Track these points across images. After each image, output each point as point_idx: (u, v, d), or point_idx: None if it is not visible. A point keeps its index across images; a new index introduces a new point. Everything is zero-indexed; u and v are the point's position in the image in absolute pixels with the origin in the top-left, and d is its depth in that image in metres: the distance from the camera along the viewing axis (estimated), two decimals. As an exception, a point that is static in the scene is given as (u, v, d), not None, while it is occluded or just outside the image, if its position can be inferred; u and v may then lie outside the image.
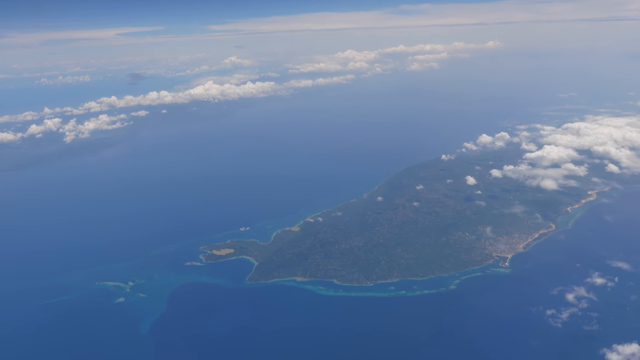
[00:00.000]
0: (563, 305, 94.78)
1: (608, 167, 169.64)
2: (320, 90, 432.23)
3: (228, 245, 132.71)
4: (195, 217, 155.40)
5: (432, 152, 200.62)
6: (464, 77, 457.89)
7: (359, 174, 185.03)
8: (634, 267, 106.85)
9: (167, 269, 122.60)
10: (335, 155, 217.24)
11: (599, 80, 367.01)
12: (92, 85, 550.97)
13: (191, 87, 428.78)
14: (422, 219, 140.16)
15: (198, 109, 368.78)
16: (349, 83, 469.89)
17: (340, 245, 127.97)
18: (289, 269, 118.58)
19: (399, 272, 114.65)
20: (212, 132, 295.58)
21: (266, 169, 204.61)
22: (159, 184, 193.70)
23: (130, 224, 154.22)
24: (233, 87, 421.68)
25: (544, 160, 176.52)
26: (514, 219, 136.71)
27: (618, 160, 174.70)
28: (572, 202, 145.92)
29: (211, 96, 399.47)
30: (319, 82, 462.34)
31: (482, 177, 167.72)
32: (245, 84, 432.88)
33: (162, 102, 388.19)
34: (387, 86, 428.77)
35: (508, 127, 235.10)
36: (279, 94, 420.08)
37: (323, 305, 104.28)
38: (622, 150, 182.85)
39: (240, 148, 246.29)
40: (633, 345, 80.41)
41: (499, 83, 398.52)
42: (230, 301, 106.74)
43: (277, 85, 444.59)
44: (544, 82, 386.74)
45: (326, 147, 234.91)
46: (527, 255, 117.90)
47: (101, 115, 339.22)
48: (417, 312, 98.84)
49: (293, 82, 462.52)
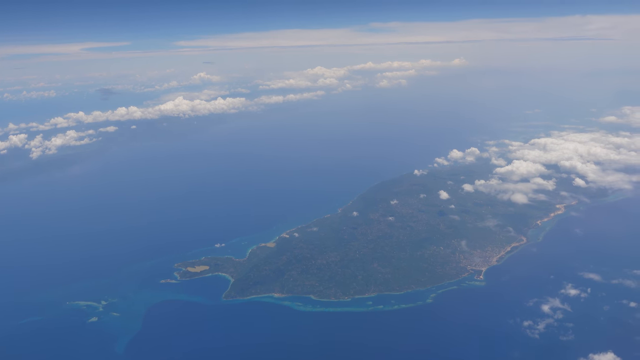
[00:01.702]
0: (539, 316, 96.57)
1: (575, 181, 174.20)
2: (291, 106, 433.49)
3: (203, 262, 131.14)
4: (168, 234, 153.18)
5: (405, 167, 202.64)
6: (433, 94, 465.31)
7: (333, 190, 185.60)
8: (605, 278, 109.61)
9: (141, 287, 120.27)
10: (308, 171, 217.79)
11: (562, 98, 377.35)
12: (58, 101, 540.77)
13: (161, 103, 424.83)
14: (397, 234, 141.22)
15: (168, 124, 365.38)
16: (320, 99, 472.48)
17: (317, 260, 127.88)
18: (265, 286, 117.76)
19: (376, 286, 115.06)
20: (183, 148, 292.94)
21: (240, 185, 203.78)
22: (130, 200, 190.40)
23: (102, 242, 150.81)
24: (203, 103, 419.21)
25: (514, 175, 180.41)
26: (487, 232, 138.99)
27: (584, 174, 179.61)
28: (542, 216, 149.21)
29: (181, 112, 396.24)
30: (289, 98, 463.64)
31: (455, 192, 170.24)
32: (216, 100, 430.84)
33: (131, 118, 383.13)
34: (357, 102, 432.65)
35: (477, 142, 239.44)
36: (250, 109, 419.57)
37: (301, 321, 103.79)
38: (588, 164, 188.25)
39: (212, 164, 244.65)
40: (609, 354, 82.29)
41: (467, 100, 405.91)
42: (207, 319, 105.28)
43: (247, 101, 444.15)
44: (510, 99, 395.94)
45: (299, 162, 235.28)
46: (501, 268, 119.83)
47: (68, 131, 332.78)
48: (395, 326, 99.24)
49: (264, 98, 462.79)
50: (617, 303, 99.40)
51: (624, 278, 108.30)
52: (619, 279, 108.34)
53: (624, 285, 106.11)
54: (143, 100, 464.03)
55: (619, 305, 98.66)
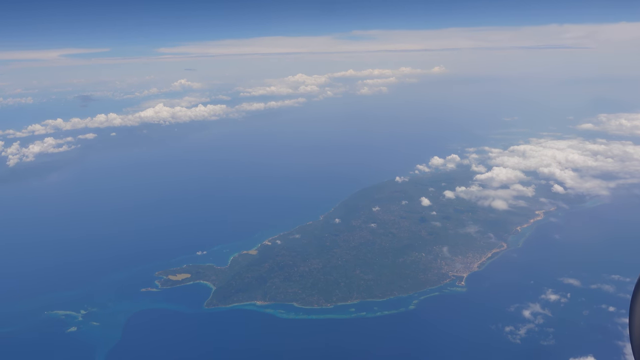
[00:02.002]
0: (520, 321, 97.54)
1: (554, 187, 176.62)
2: (273, 113, 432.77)
3: (184, 270, 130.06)
4: (149, 241, 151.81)
5: (386, 174, 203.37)
6: (413, 101, 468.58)
7: (314, 196, 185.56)
8: (584, 283, 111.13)
9: (121, 295, 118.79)
10: (290, 178, 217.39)
11: (540, 105, 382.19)
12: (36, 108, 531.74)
13: (141, 110, 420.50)
14: (380, 240, 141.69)
15: (149, 131, 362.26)
16: (301, 106, 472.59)
17: (299, 267, 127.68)
18: (248, 293, 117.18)
19: (359, 293, 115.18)
20: (164, 155, 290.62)
21: (221, 192, 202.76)
22: (110, 208, 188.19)
23: (81, 250, 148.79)
24: (184, 110, 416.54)
25: (494, 182, 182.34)
26: (468, 238, 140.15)
27: (563, 181, 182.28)
28: (522, 222, 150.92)
29: (162, 119, 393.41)
30: (271, 105, 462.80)
31: (436, 199, 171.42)
32: (197, 107, 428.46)
33: (111, 125, 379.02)
34: (338, 109, 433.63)
35: (458, 149, 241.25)
36: (231, 117, 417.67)
37: (284, 328, 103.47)
38: (566, 171, 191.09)
39: (193, 171, 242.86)
40: (589, 358, 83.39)
41: (446, 107, 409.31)
42: (189, 327, 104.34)
43: (229, 108, 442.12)
44: (489, 106, 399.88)
45: (280, 169, 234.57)
46: (482, 274, 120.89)
47: (47, 138, 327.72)
48: (378, 333, 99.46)
49: (245, 105, 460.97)
50: (596, 308, 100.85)
51: (602, 283, 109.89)
52: (598, 283, 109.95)
53: (602, 290, 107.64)
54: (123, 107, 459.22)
55: (598, 309, 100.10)
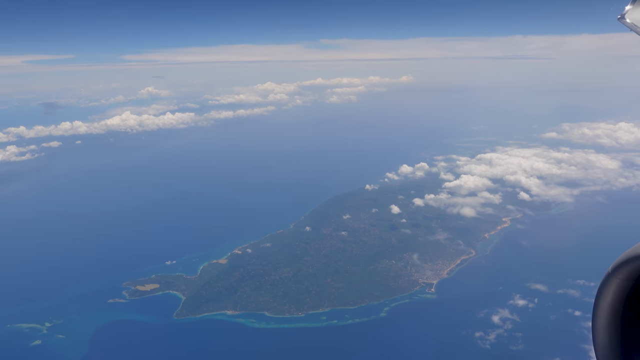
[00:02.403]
0: (490, 327, 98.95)
1: (520, 195, 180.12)
2: (242, 121, 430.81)
3: (153, 280, 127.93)
4: (116, 251, 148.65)
5: (356, 182, 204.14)
6: (382, 110, 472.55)
7: (285, 204, 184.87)
8: (550, 288, 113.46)
9: (87, 307, 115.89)
10: (259, 186, 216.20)
11: (506, 114, 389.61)
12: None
13: (107, 118, 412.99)
14: (350, 248, 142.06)
15: (115, 139, 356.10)
16: (270, 114, 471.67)
17: (270, 276, 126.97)
18: (218, 303, 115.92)
19: (330, 301, 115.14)
20: (131, 163, 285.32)
21: (190, 201, 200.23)
22: (75, 217, 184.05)
23: (45, 260, 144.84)
24: (152, 118, 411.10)
25: (462, 189, 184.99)
26: (437, 245, 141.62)
27: (528, 188, 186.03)
28: (490, 229, 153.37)
29: (129, 127, 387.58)
30: (240, 114, 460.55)
31: (406, 206, 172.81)
32: (165, 115, 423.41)
33: (76, 133, 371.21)
34: (308, 118, 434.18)
35: (426, 157, 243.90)
36: (199, 125, 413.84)
37: (255, 338, 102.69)
38: (531, 179, 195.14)
39: (161, 180, 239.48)
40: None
41: (415, 116, 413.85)
42: (158, 338, 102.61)
43: (197, 116, 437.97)
44: (456, 115, 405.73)
45: (250, 178, 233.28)
46: (452, 280, 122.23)
47: (9, 147, 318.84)
48: (349, 340, 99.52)
49: (213, 113, 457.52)
50: (562, 312, 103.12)
51: (568, 288, 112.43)
52: (564, 288, 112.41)
53: (568, 294, 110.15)
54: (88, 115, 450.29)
55: (564, 314, 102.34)
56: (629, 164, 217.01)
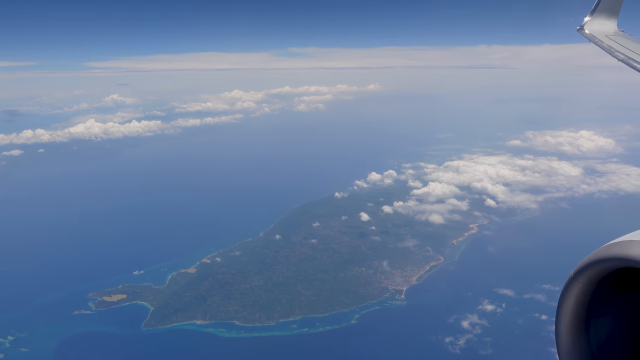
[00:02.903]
0: (459, 332, 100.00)
1: (486, 201, 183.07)
2: (209, 129, 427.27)
3: (120, 290, 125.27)
4: (81, 262, 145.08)
5: (325, 189, 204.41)
6: (350, 118, 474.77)
7: (254, 213, 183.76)
8: (517, 293, 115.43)
9: (52, 319, 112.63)
10: (228, 194, 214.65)
11: (472, 122, 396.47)
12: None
13: (71, 125, 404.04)
14: (320, 256, 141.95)
15: (79, 148, 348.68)
16: (238, 122, 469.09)
17: (240, 285, 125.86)
18: (187, 313, 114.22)
19: (300, 309, 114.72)
20: (96, 172, 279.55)
21: (157, 209, 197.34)
22: (38, 228, 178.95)
23: (7, 271, 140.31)
24: (117, 126, 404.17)
25: (430, 196, 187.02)
26: (406, 252, 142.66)
27: (495, 195, 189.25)
28: (458, 235, 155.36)
29: (93, 135, 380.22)
30: (207, 121, 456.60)
31: (375, 214, 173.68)
32: (130, 123, 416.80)
33: (38, 141, 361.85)
34: (276, 126, 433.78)
35: (395, 165, 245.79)
36: (166, 132, 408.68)
37: (225, 347, 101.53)
38: (497, 186, 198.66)
39: (126, 188, 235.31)
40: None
41: (383, 124, 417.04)
42: (126, 350, 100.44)
43: (164, 124, 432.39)
44: (423, 123, 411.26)
45: (218, 185, 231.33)
46: (421, 286, 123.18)
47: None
48: (320, 348, 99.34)
49: (180, 121, 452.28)
50: (529, 316, 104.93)
51: (534, 292, 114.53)
52: (531, 293, 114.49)
53: (535, 299, 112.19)
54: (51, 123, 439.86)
55: (531, 318, 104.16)
56: (590, 171, 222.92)
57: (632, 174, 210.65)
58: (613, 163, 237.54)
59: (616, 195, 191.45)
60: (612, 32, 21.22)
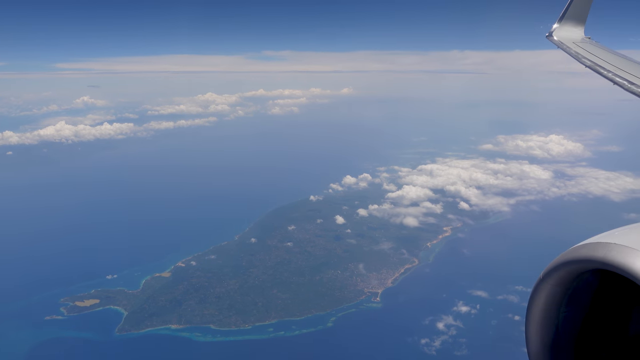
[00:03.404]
0: (435, 333, 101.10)
1: (460, 204, 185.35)
2: (183, 132, 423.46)
3: (93, 295, 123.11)
4: (53, 267, 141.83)
5: (300, 193, 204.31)
6: (324, 121, 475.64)
7: (229, 216, 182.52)
8: (491, 294, 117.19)
9: (22, 325, 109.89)
10: (203, 197, 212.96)
11: (445, 126, 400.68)
12: None
13: (40, 128, 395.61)
14: (296, 259, 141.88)
15: (49, 150, 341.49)
16: (212, 125, 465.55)
17: (215, 289, 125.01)
18: (162, 317, 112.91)
19: (276, 313, 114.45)
20: (67, 175, 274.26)
21: (130, 213, 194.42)
22: (9, 231, 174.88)
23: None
24: (88, 128, 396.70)
25: (404, 199, 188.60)
26: (382, 255, 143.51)
27: (468, 198, 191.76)
28: (432, 238, 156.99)
29: (64, 137, 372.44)
30: (180, 124, 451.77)
31: (350, 217, 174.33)
32: (102, 125, 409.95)
33: (6, 143, 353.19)
34: (250, 129, 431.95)
35: (369, 168, 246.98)
36: (139, 135, 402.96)
37: (201, 352, 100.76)
38: (470, 189, 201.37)
39: (99, 192, 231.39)
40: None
41: (357, 128, 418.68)
42: (99, 355, 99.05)
43: (136, 127, 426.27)
44: (397, 127, 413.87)
45: (193, 189, 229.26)
46: (397, 289, 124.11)
47: None
48: (297, 352, 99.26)
49: (153, 123, 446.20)
50: (503, 317, 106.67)
51: (507, 294, 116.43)
52: (504, 294, 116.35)
53: (508, 300, 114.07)
54: (20, 125, 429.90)
55: (505, 319, 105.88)
56: (560, 175, 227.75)
57: (601, 178, 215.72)
58: (582, 167, 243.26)
59: (585, 198, 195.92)
60: (579, 39, 21.73)
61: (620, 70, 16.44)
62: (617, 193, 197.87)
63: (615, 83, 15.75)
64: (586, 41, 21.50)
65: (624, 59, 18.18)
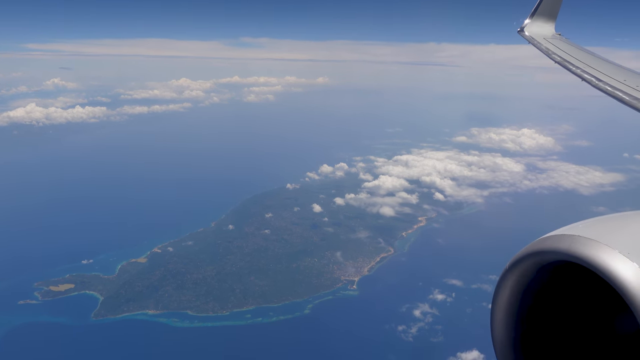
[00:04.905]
0: (411, 320, 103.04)
1: (435, 195, 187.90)
2: (157, 117, 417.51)
3: (67, 279, 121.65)
4: (25, 251, 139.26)
5: (277, 181, 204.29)
6: (300, 110, 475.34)
7: (205, 203, 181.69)
8: (466, 283, 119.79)
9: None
10: (179, 183, 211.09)
11: (420, 118, 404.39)
12: None
13: (9, 109, 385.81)
14: (273, 247, 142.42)
15: (20, 132, 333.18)
16: (186, 111, 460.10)
17: (193, 275, 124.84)
18: (138, 302, 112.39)
19: (254, 299, 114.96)
20: (38, 158, 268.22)
21: (105, 198, 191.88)
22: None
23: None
24: (60, 111, 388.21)
25: (381, 189, 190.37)
26: (358, 243, 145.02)
27: (443, 189, 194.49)
28: (407, 227, 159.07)
29: (35, 119, 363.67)
30: (154, 109, 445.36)
31: (327, 205, 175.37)
32: (74, 108, 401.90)
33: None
34: (225, 116, 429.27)
35: (345, 158, 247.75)
36: (112, 119, 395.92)
37: (178, 337, 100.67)
38: (445, 180, 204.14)
39: (72, 176, 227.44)
40: (474, 352, 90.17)
41: (333, 117, 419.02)
42: (75, 340, 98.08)
43: (109, 111, 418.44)
44: (373, 117, 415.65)
45: (168, 175, 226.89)
46: (373, 277, 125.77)
47: None
48: (274, 338, 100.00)
49: (127, 108, 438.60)
50: (477, 305, 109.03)
51: (482, 283, 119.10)
52: (478, 283, 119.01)
53: (482, 289, 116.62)
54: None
55: (479, 307, 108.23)
56: (532, 168, 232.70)
57: (571, 171, 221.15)
58: (553, 160, 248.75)
59: (556, 191, 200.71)
60: (550, 35, 22.14)
61: (588, 67, 16.87)
62: (586, 187, 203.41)
63: (584, 79, 16.13)
64: (556, 37, 21.95)
65: (593, 56, 18.59)
